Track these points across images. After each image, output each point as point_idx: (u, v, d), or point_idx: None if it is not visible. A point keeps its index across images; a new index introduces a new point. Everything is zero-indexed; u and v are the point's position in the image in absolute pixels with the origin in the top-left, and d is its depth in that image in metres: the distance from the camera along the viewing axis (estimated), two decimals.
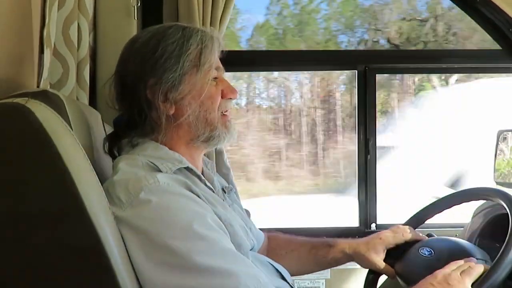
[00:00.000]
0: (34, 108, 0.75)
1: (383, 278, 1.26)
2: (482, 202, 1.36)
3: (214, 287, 0.81)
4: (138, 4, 1.56)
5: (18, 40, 1.01)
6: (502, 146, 1.69)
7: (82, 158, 0.79)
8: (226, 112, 1.05)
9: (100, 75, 1.51)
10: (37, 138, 0.74)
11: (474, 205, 1.38)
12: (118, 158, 0.97)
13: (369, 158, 1.87)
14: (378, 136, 1.91)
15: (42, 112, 0.76)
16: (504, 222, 1.08)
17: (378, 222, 1.89)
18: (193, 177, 0.97)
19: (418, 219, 1.29)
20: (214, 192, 1.01)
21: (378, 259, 1.20)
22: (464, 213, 1.44)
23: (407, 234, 1.21)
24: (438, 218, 1.31)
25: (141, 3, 1.58)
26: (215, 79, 1.02)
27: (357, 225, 1.90)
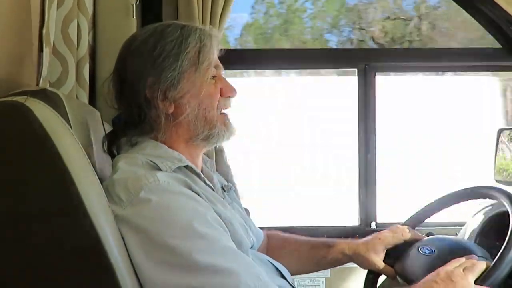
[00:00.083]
0: (33, 106, 0.75)
1: (383, 278, 1.26)
2: (482, 200, 1.36)
3: (214, 286, 0.81)
4: (137, 2, 1.55)
5: (18, 39, 1.01)
6: (502, 145, 1.69)
7: (81, 157, 0.79)
8: (225, 111, 1.05)
9: (99, 74, 1.51)
10: (36, 137, 0.74)
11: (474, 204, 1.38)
12: (117, 157, 0.97)
13: (369, 156, 1.87)
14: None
15: (41, 111, 0.76)
16: (504, 220, 1.08)
17: (378, 221, 1.89)
18: (192, 175, 0.97)
19: (417, 219, 1.29)
20: (213, 190, 1.01)
21: (378, 260, 1.20)
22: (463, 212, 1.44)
23: (406, 234, 1.21)
24: (438, 217, 1.32)
25: (140, 2, 1.58)
26: (214, 78, 1.02)
27: (357, 223, 1.90)
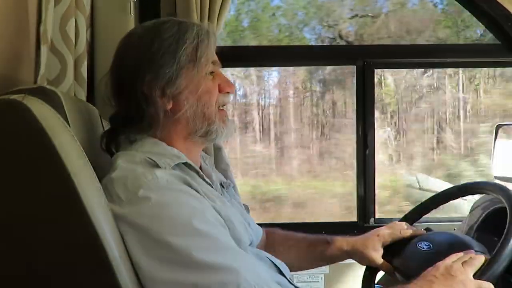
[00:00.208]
0: (31, 104, 0.75)
1: (381, 274, 1.26)
2: (480, 196, 1.36)
3: (214, 283, 0.81)
4: None
5: (15, 37, 1.01)
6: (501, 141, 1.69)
7: (79, 155, 0.79)
8: (224, 106, 1.05)
9: (98, 71, 1.51)
10: (34, 135, 0.74)
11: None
12: (116, 154, 0.96)
13: (367, 152, 1.87)
14: None
15: (39, 108, 0.76)
16: (502, 215, 1.08)
17: (377, 216, 1.89)
18: (191, 172, 0.97)
19: (415, 215, 1.29)
20: (212, 187, 1.01)
21: (376, 256, 1.20)
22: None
23: (405, 230, 1.21)
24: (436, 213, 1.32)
25: None
26: (212, 74, 1.02)
27: (355, 219, 1.90)
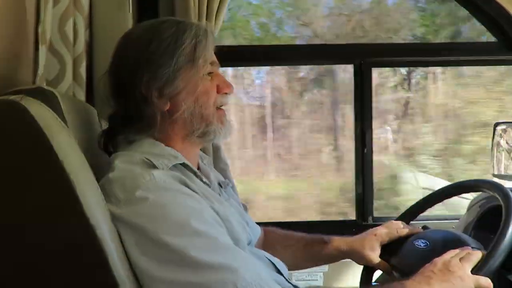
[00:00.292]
0: (29, 105, 0.75)
1: (379, 272, 1.27)
2: (477, 194, 1.37)
3: (213, 283, 0.81)
4: None
5: (14, 37, 1.01)
6: (499, 139, 1.69)
7: (77, 155, 0.80)
8: (222, 107, 1.05)
9: (96, 72, 1.50)
10: (31, 135, 0.74)
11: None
12: (114, 154, 0.96)
13: (365, 151, 1.88)
14: None
15: (37, 109, 0.76)
16: (498, 213, 1.08)
17: (375, 215, 1.90)
18: (189, 173, 0.97)
19: (412, 213, 1.30)
20: (210, 187, 1.01)
21: (374, 256, 1.20)
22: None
23: (401, 229, 1.22)
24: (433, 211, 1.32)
25: None
26: (210, 74, 1.02)
27: (354, 218, 1.91)
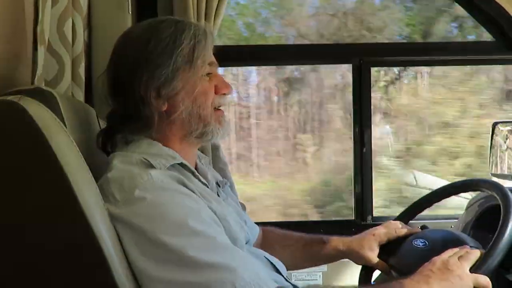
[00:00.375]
0: (27, 105, 0.75)
1: (377, 273, 1.27)
2: (475, 194, 1.37)
3: (211, 282, 0.81)
4: None
5: (12, 37, 1.01)
6: (497, 138, 1.69)
7: (76, 155, 0.80)
8: (220, 107, 1.05)
9: (95, 72, 1.50)
10: (30, 136, 0.74)
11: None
12: (112, 154, 0.96)
13: (364, 151, 1.88)
14: None
15: (36, 109, 0.76)
16: (497, 213, 1.09)
17: (374, 215, 1.90)
18: (187, 173, 0.97)
19: (410, 213, 1.30)
20: (208, 187, 1.01)
21: (372, 256, 1.20)
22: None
23: (400, 229, 1.22)
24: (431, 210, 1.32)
25: None
26: (209, 75, 1.02)
27: (353, 218, 1.91)
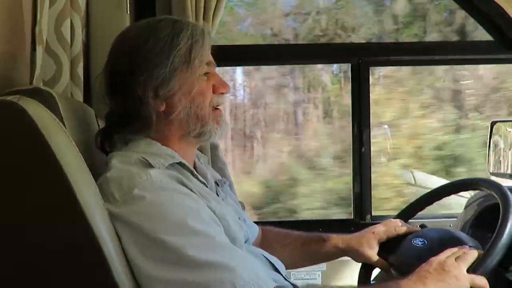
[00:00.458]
0: (26, 105, 0.75)
1: (377, 270, 1.27)
2: (474, 193, 1.37)
3: (211, 282, 0.81)
4: None
5: (11, 37, 1.01)
6: (495, 137, 1.70)
7: (75, 155, 0.80)
8: (218, 107, 1.05)
9: (94, 71, 1.50)
10: (30, 136, 0.74)
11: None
12: (111, 154, 0.96)
13: (363, 150, 1.88)
14: None
15: (35, 109, 0.76)
16: (496, 212, 1.09)
17: (373, 213, 1.90)
18: (185, 172, 0.97)
19: (409, 212, 1.30)
20: (207, 186, 1.01)
21: (372, 253, 1.20)
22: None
23: (399, 227, 1.22)
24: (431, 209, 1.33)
25: None
26: (207, 74, 1.02)
27: (352, 217, 1.91)
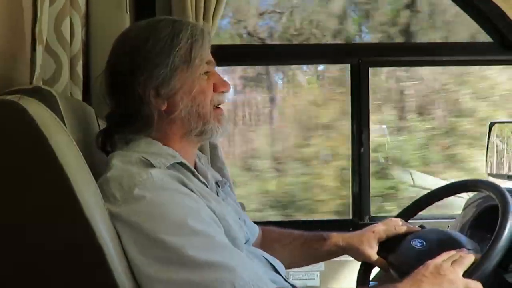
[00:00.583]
0: (27, 105, 0.75)
1: (376, 270, 1.27)
2: (473, 194, 1.38)
3: (210, 281, 0.81)
4: None
5: (11, 37, 1.00)
6: (494, 139, 1.70)
7: (76, 155, 0.80)
8: (219, 105, 1.05)
9: (93, 71, 1.50)
10: (30, 135, 0.74)
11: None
12: (111, 154, 0.96)
13: (362, 151, 1.88)
14: None
15: (35, 108, 0.76)
16: (495, 213, 1.09)
17: (371, 214, 1.90)
18: (186, 172, 0.97)
19: (409, 212, 1.30)
20: (207, 186, 1.01)
21: (372, 252, 1.21)
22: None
23: (399, 226, 1.22)
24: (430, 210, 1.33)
25: None
26: (207, 73, 1.02)
27: (350, 217, 1.92)
